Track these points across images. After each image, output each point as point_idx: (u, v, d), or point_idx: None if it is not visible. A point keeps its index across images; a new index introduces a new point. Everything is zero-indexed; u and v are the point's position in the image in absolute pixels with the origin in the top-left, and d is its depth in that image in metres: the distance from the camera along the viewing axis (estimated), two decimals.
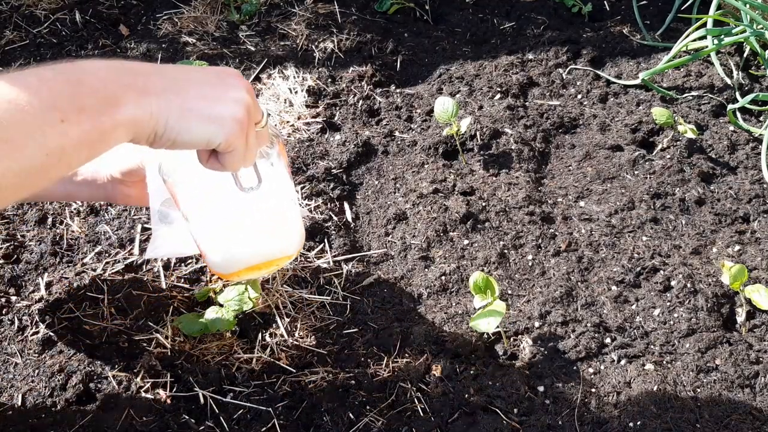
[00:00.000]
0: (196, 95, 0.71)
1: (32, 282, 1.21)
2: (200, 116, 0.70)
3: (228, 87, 0.74)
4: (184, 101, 0.69)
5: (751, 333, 1.14)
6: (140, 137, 0.68)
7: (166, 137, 0.69)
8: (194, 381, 1.06)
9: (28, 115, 0.59)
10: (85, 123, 0.62)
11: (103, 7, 1.85)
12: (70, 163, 0.64)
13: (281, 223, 0.98)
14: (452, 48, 1.78)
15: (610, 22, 1.84)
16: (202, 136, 0.71)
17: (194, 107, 0.70)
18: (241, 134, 0.74)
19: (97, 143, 0.64)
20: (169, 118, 0.68)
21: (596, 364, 1.09)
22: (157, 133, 0.68)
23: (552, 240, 1.28)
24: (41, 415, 1.02)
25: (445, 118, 1.39)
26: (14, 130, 0.58)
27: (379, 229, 1.32)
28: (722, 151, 1.47)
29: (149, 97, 0.67)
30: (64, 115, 0.61)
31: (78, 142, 0.62)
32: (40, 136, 0.59)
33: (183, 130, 0.69)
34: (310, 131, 1.51)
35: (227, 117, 0.72)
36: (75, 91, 0.63)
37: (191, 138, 0.71)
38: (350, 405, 1.05)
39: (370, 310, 1.18)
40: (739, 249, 1.27)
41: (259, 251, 0.98)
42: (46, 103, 0.60)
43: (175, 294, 1.19)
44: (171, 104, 0.68)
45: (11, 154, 0.57)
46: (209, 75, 0.75)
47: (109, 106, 0.64)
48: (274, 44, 1.75)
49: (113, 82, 0.66)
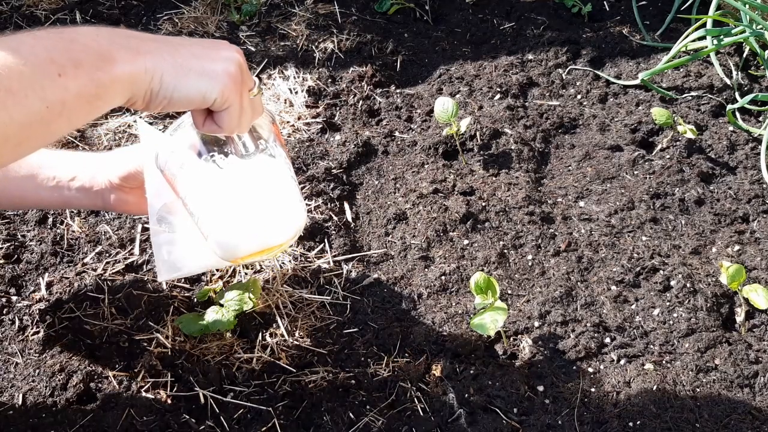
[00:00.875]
0: (188, 54, 0.72)
1: (33, 282, 1.21)
2: (194, 71, 0.72)
3: (219, 48, 0.76)
4: (177, 59, 0.71)
5: (750, 333, 1.14)
6: (137, 96, 0.69)
7: (162, 94, 0.70)
8: (194, 381, 1.07)
9: (26, 68, 0.60)
10: (83, 77, 0.63)
11: (103, 8, 1.85)
12: (70, 118, 0.65)
13: (284, 202, 0.96)
14: (452, 48, 1.78)
15: (609, 23, 1.84)
16: (197, 91, 0.72)
17: (187, 64, 0.72)
18: (236, 89, 0.75)
19: (96, 99, 0.65)
20: (164, 74, 0.69)
21: (596, 364, 1.09)
22: (153, 90, 0.70)
23: (552, 240, 1.29)
24: (42, 415, 1.02)
25: (445, 118, 1.39)
26: (16, 81, 0.59)
27: (379, 229, 1.32)
28: (722, 151, 1.47)
29: (143, 55, 0.68)
30: (62, 69, 0.62)
31: (77, 96, 0.63)
32: (39, 89, 0.60)
33: (179, 86, 0.71)
34: (310, 131, 1.52)
35: (220, 72, 0.73)
36: (70, 48, 0.64)
37: (187, 93, 0.72)
38: (350, 405, 1.05)
39: (370, 310, 1.18)
40: (738, 249, 1.27)
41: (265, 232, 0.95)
42: (43, 59, 0.62)
43: (176, 294, 1.20)
44: (165, 61, 0.70)
45: (14, 105, 0.59)
46: (200, 40, 0.77)
47: (104, 62, 0.65)
48: (274, 44, 1.76)
49: (106, 41, 0.67)
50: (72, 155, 1.11)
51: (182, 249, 1.01)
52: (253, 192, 0.91)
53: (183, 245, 1.01)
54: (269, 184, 0.92)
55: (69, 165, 1.05)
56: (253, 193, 0.91)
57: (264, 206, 0.94)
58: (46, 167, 1.04)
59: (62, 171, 1.04)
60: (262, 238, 0.95)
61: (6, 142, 0.60)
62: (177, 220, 1.00)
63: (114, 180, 1.02)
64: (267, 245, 0.95)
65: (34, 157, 1.05)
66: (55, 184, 1.03)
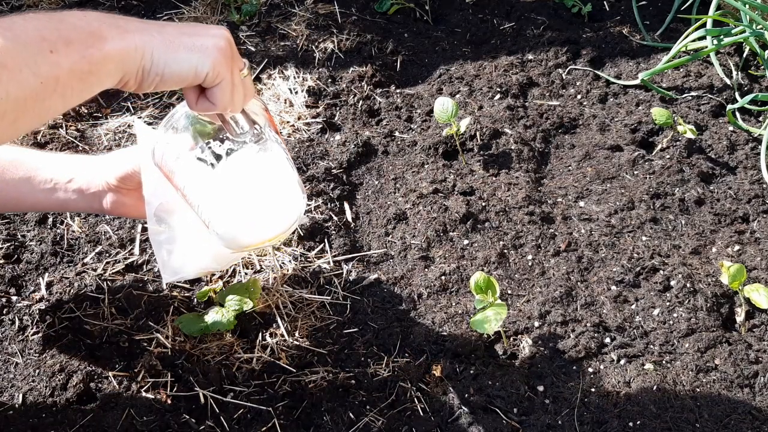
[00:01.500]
0: (176, 32, 0.73)
1: (33, 282, 1.21)
2: (184, 46, 0.72)
3: (207, 27, 0.77)
4: (165, 36, 0.72)
5: (750, 333, 1.14)
6: (129, 74, 0.70)
7: (153, 71, 0.71)
8: (194, 381, 1.07)
9: (19, 45, 0.61)
10: (74, 54, 0.65)
11: (103, 8, 1.85)
12: (64, 94, 0.66)
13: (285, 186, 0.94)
14: (452, 48, 1.78)
15: (609, 23, 1.84)
16: (188, 65, 0.73)
17: (177, 40, 0.72)
18: (226, 63, 0.76)
19: (88, 75, 0.66)
20: (154, 50, 0.70)
21: (596, 364, 1.09)
22: (144, 67, 0.70)
23: (552, 240, 1.29)
24: (42, 415, 1.02)
25: (445, 118, 1.40)
26: (10, 58, 0.60)
27: (379, 229, 1.32)
28: (722, 152, 1.47)
29: (132, 33, 0.70)
30: (53, 46, 0.63)
31: (69, 72, 0.64)
32: (33, 64, 0.62)
33: (169, 61, 0.71)
34: (310, 131, 1.52)
35: (210, 46, 0.74)
36: (60, 27, 0.65)
37: (179, 68, 0.72)
38: (350, 405, 1.05)
39: (370, 310, 1.18)
40: (738, 249, 1.27)
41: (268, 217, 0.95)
42: (34, 37, 0.63)
43: (176, 294, 1.20)
44: (153, 38, 0.71)
45: (9, 80, 0.60)
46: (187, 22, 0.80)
47: (94, 39, 0.66)
48: (274, 44, 1.76)
49: (95, 21, 0.69)
50: (69, 158, 1.11)
51: (181, 250, 1.01)
52: (252, 177, 0.90)
53: (182, 246, 1.01)
54: (268, 169, 0.91)
55: (66, 167, 1.04)
56: (252, 178, 0.90)
57: (265, 191, 0.93)
58: (42, 169, 1.03)
59: (59, 173, 1.03)
60: (264, 224, 0.94)
61: (2, 118, 0.61)
62: (175, 220, 1.00)
63: (111, 181, 1.02)
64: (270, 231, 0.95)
65: (31, 160, 1.05)
66: (51, 186, 1.03)
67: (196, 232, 1.00)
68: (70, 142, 1.48)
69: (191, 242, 1.01)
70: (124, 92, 1.62)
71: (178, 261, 1.01)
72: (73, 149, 1.47)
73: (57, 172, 1.03)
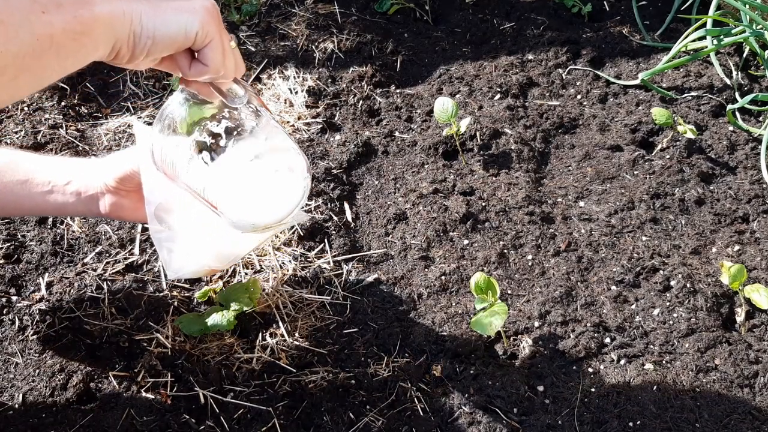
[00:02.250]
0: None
1: (33, 282, 1.21)
2: (171, 8, 0.73)
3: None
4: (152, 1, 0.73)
5: (750, 333, 1.14)
6: (121, 40, 0.71)
7: (144, 35, 0.72)
8: (194, 381, 1.07)
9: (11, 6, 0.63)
10: (66, 14, 0.66)
11: None
12: (59, 53, 0.67)
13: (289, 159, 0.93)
14: (452, 48, 1.78)
15: (609, 23, 1.84)
16: (178, 26, 0.74)
17: (163, 4, 0.73)
18: (215, 22, 0.77)
19: (81, 35, 0.67)
20: (142, 14, 0.71)
21: (596, 364, 1.09)
22: (135, 32, 0.71)
23: (552, 240, 1.29)
24: (42, 415, 1.02)
25: (445, 118, 1.40)
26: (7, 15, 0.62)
27: (379, 229, 1.32)
28: (722, 152, 1.47)
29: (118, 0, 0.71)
30: (44, 7, 0.65)
31: (63, 31, 0.66)
32: (27, 23, 0.63)
33: (159, 24, 0.72)
34: (310, 131, 1.52)
35: (197, 7, 0.75)
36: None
37: (168, 30, 0.73)
38: (350, 405, 1.05)
39: (370, 310, 1.18)
40: (738, 249, 1.27)
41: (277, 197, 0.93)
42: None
43: (176, 294, 1.20)
44: (140, 4, 0.71)
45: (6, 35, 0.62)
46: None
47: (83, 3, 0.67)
48: (274, 44, 1.76)
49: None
50: (67, 160, 1.10)
51: (182, 249, 1.01)
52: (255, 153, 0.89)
53: (183, 245, 1.00)
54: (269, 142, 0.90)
55: (64, 170, 1.04)
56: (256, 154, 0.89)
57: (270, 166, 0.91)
58: (40, 172, 1.02)
59: (57, 175, 1.02)
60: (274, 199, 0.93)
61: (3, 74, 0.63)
62: (175, 220, 0.99)
63: (110, 182, 1.01)
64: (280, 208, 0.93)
65: (28, 163, 1.04)
66: (49, 189, 1.02)
67: (197, 230, 0.99)
68: (70, 142, 1.48)
69: (192, 241, 1.00)
70: (124, 92, 1.62)
71: (179, 260, 1.01)
72: (73, 149, 1.47)
73: (54, 175, 1.03)
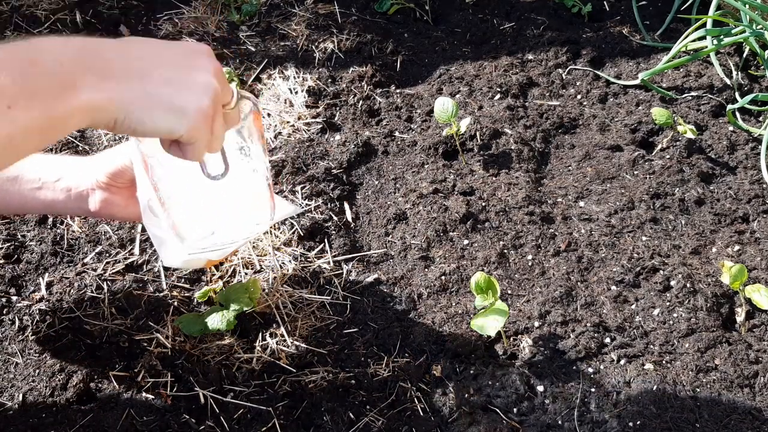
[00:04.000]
0: (160, 80, 0.67)
1: (33, 282, 1.21)
2: (163, 105, 0.67)
3: (195, 70, 0.70)
4: (147, 86, 0.66)
5: (750, 333, 1.14)
6: (98, 123, 0.65)
7: (126, 125, 0.66)
8: (194, 381, 1.07)
9: None
10: (36, 110, 0.58)
11: (103, 8, 1.85)
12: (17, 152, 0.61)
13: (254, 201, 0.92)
14: (452, 48, 1.78)
15: (609, 23, 1.84)
16: (163, 127, 0.68)
17: (157, 94, 0.67)
18: (205, 125, 0.71)
19: (50, 130, 0.61)
20: (130, 105, 0.65)
21: (596, 364, 1.09)
22: (117, 119, 0.65)
23: (552, 240, 1.29)
24: (42, 415, 1.02)
25: (445, 118, 1.40)
26: None
27: (379, 229, 1.32)
28: (722, 151, 1.47)
29: (110, 82, 0.64)
30: (12, 101, 0.57)
31: (25, 130, 0.59)
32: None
33: (144, 119, 0.66)
34: (310, 131, 1.52)
35: (191, 108, 0.68)
36: (27, 73, 0.59)
37: (153, 128, 0.68)
38: (350, 405, 1.05)
39: (370, 310, 1.18)
40: (738, 249, 1.27)
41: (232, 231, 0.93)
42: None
43: (176, 294, 1.20)
44: (133, 91, 0.65)
45: None
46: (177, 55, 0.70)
47: (64, 89, 0.60)
48: (274, 44, 1.76)
49: (71, 62, 0.62)
50: (58, 158, 1.08)
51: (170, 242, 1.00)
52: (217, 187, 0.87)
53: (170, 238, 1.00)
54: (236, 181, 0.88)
55: (54, 167, 1.02)
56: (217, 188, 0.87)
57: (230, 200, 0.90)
58: (30, 169, 1.00)
59: (47, 172, 1.00)
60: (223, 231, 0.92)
61: None
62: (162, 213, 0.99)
63: (101, 178, 0.98)
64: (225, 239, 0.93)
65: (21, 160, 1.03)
66: (39, 186, 0.99)
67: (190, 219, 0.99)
68: (69, 141, 1.48)
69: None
70: None
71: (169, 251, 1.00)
72: (73, 149, 1.47)
73: (45, 172, 1.00)
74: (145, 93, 0.66)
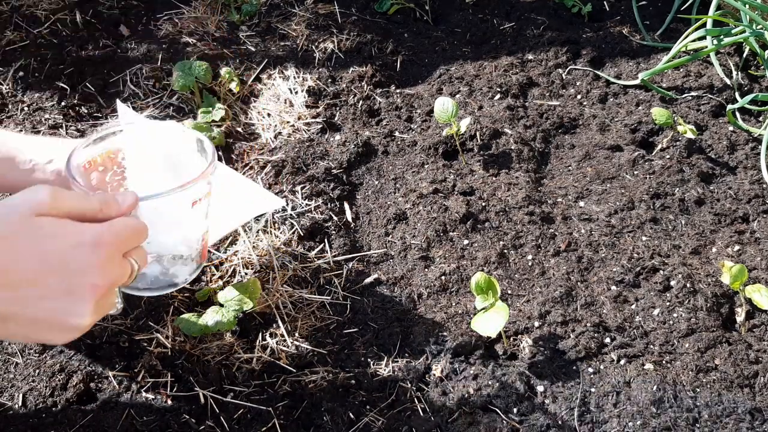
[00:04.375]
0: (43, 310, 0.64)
1: None
2: (52, 328, 0.66)
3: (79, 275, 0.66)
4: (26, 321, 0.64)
5: (750, 333, 1.14)
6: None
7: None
8: (194, 381, 1.07)
9: None
10: None
11: (103, 8, 1.85)
12: None
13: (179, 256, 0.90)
14: (452, 48, 1.78)
15: (609, 23, 1.84)
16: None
17: (42, 320, 0.65)
18: (103, 311, 0.70)
19: None
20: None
21: (596, 364, 1.09)
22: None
23: (552, 240, 1.29)
24: (42, 415, 1.02)
25: (445, 118, 1.40)
26: None
27: (379, 229, 1.32)
28: (722, 152, 1.47)
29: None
30: None
31: None
32: None
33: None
34: (310, 131, 1.52)
35: (84, 322, 0.66)
36: None
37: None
38: (350, 405, 1.05)
39: (370, 310, 1.18)
40: (738, 249, 1.27)
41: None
42: None
43: (176, 294, 1.20)
44: (9, 330, 0.64)
45: None
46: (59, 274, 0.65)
47: None
48: (274, 44, 1.76)
49: None
50: (51, 140, 1.08)
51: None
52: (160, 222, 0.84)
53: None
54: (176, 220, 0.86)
55: (46, 149, 1.01)
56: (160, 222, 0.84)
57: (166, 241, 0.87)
58: (24, 151, 1.00)
59: (39, 154, 1.00)
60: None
61: None
62: None
63: None
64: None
65: (13, 141, 1.01)
66: (30, 167, 0.99)
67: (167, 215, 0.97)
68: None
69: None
70: (125, 92, 1.62)
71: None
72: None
73: (37, 154, 1.00)
74: (27, 326, 0.65)
